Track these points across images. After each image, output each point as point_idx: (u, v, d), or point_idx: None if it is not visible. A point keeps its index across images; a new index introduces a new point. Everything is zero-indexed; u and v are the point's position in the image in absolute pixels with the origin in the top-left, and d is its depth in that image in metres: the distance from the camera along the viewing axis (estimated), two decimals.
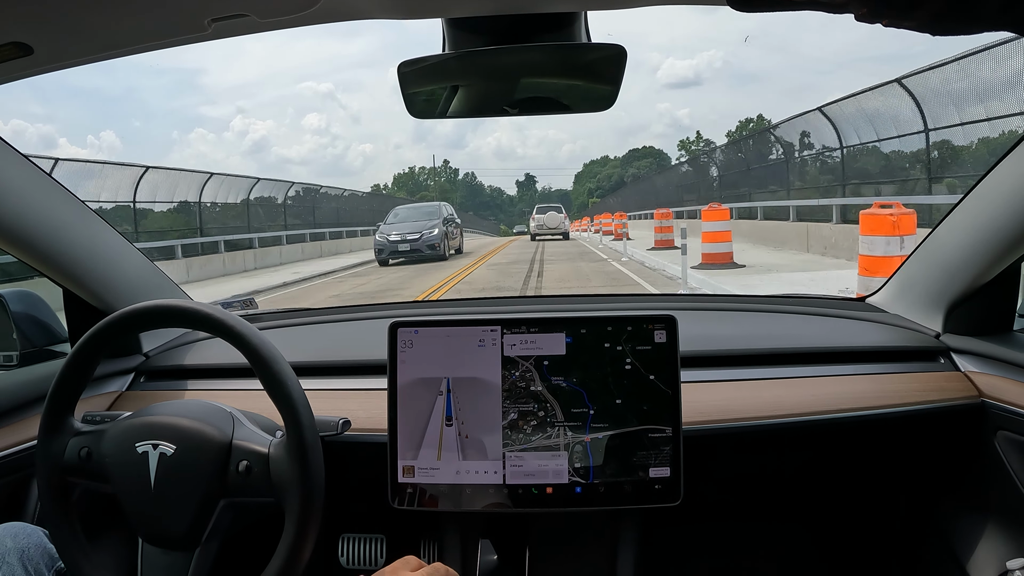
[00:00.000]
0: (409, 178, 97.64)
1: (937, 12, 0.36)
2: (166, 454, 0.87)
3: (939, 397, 1.07)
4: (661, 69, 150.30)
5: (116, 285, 1.23)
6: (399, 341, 0.99)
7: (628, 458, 0.96)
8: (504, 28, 0.84)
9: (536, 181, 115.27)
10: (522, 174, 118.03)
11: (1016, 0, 0.34)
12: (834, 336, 1.24)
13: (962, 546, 1.09)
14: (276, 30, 0.79)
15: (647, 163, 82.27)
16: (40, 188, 1.07)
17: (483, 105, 0.95)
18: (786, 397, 1.07)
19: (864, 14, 0.38)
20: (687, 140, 73.92)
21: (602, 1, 0.77)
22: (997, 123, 8.06)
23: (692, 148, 70.15)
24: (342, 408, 1.06)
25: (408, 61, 0.87)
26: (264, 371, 0.85)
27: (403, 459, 0.98)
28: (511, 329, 0.98)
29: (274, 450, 0.86)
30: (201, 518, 0.87)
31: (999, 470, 1.04)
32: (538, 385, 0.97)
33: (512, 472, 0.97)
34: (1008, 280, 1.10)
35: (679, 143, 74.59)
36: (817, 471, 1.16)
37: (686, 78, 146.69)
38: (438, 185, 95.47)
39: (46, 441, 0.90)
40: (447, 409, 0.98)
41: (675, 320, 0.97)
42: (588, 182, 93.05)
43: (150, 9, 0.71)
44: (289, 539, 0.82)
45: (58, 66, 0.82)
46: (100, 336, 0.90)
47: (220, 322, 0.87)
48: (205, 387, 1.20)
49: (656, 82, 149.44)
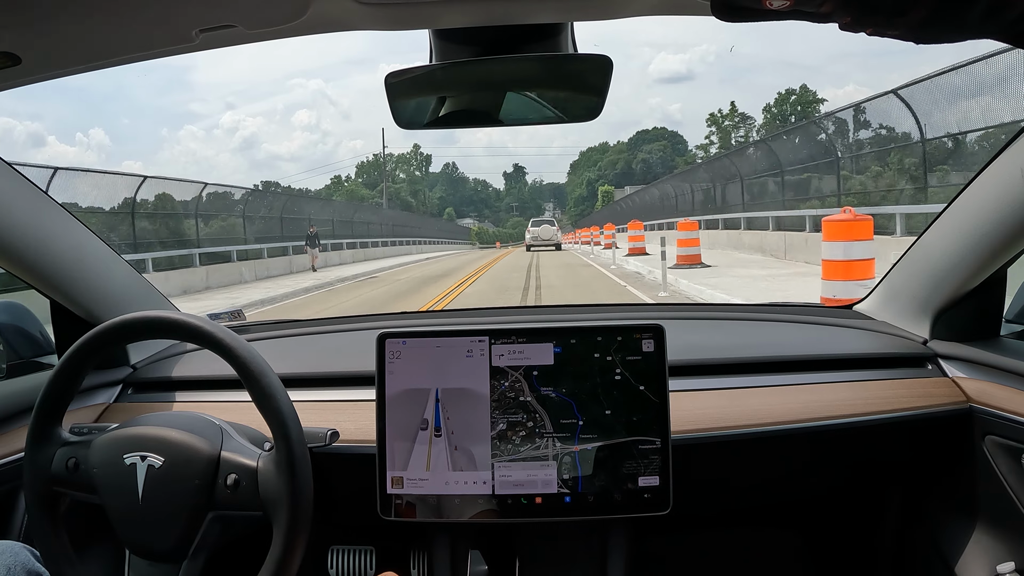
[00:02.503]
0: (374, 167, 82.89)
1: (921, 20, 0.36)
2: (154, 466, 0.87)
3: (927, 403, 1.08)
4: (653, 64, 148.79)
5: (103, 296, 1.23)
6: (387, 352, 0.99)
7: (617, 468, 0.96)
8: (491, 39, 0.84)
9: (526, 173, 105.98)
10: (510, 165, 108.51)
11: (999, 7, 0.34)
12: (822, 344, 1.24)
13: (951, 551, 1.09)
14: (264, 41, 0.80)
15: (660, 147, 74.58)
16: (26, 198, 1.07)
17: (470, 115, 0.96)
18: (775, 405, 1.08)
19: (848, 23, 0.39)
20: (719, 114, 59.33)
21: (587, 12, 0.78)
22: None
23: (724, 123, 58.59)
24: (330, 419, 1.06)
25: (395, 72, 0.87)
26: (253, 384, 0.85)
27: (392, 470, 0.97)
28: (499, 339, 0.98)
29: (263, 464, 0.86)
30: (189, 531, 0.86)
31: (988, 475, 1.04)
32: (527, 395, 0.97)
33: (501, 482, 0.96)
34: (994, 286, 1.10)
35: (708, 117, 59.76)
36: (806, 478, 1.17)
37: (678, 73, 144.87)
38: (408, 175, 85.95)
39: (33, 451, 0.90)
40: (436, 420, 0.97)
41: (663, 329, 0.97)
42: (587, 171, 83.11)
43: (138, 20, 0.72)
44: (277, 553, 0.82)
45: (46, 76, 0.82)
46: (88, 347, 0.89)
47: (208, 334, 0.86)
48: (193, 399, 1.19)
49: (647, 77, 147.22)
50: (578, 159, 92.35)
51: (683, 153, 73.43)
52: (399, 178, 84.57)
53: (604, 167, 78.62)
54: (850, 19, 0.38)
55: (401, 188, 77.79)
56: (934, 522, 1.15)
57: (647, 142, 77.28)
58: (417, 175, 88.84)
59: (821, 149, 12.92)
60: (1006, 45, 0.40)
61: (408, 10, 0.74)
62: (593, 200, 75.78)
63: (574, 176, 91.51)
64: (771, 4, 0.38)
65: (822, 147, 12.89)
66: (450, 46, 0.86)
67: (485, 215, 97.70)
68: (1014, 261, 1.05)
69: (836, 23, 0.40)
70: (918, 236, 1.19)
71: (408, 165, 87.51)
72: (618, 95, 25.36)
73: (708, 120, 59.04)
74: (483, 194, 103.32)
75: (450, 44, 0.86)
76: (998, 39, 0.38)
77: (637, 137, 79.59)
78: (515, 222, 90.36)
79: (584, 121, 0.94)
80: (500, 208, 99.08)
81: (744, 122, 57.94)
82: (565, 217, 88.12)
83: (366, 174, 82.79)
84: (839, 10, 0.38)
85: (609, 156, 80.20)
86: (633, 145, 78.68)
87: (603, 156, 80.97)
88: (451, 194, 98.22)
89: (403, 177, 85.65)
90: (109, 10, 0.68)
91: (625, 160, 76.19)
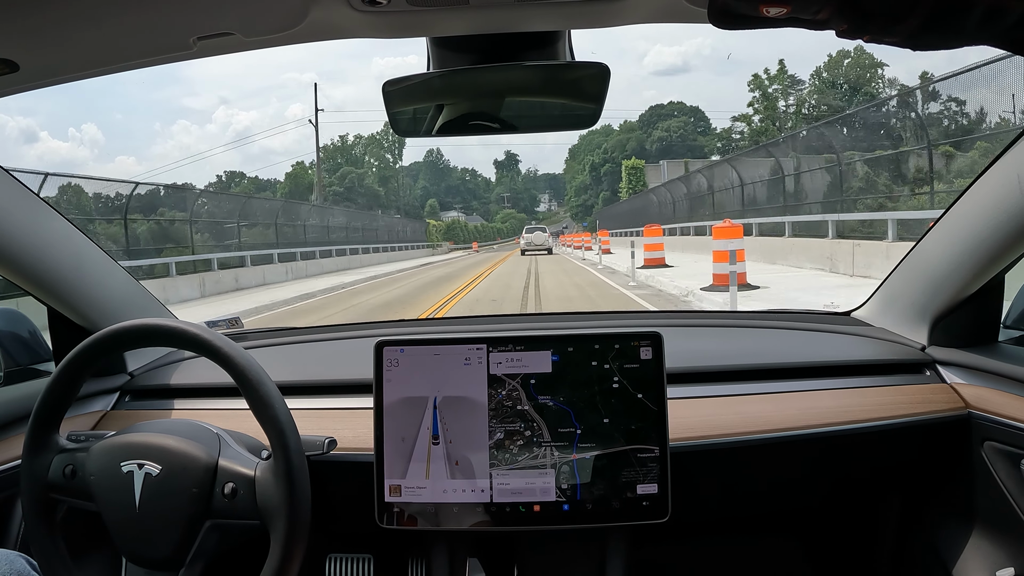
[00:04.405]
0: (339, 151, 69.25)
1: (918, 27, 0.36)
2: (151, 474, 0.86)
3: (926, 409, 1.08)
4: (648, 56, 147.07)
5: (101, 303, 1.22)
6: (385, 360, 0.99)
7: (615, 476, 0.96)
8: (488, 47, 0.85)
9: (519, 161, 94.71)
10: (502, 153, 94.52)
11: (996, 14, 0.34)
12: (820, 351, 1.24)
13: (951, 557, 1.09)
14: (261, 48, 0.80)
15: (679, 123, 62.26)
16: (25, 205, 1.07)
17: (468, 123, 0.96)
18: (773, 412, 1.07)
19: (845, 30, 0.39)
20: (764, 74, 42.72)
21: (585, 20, 0.78)
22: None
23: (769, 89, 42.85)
24: (328, 427, 1.05)
25: (393, 80, 0.87)
26: (251, 393, 0.85)
27: (390, 478, 0.97)
28: (497, 347, 0.98)
29: (260, 473, 0.86)
30: (186, 539, 0.86)
31: (987, 480, 1.04)
32: (524, 404, 0.97)
33: (499, 490, 0.96)
34: (991, 292, 1.10)
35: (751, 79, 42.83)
36: (805, 485, 1.16)
37: (674, 65, 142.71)
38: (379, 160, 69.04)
39: (31, 458, 0.90)
40: (434, 428, 0.97)
41: (661, 337, 0.97)
42: (590, 155, 69.17)
43: (136, 27, 0.72)
44: (275, 562, 0.82)
45: (44, 83, 0.83)
46: (85, 354, 0.89)
47: (206, 342, 0.86)
48: (190, 406, 1.19)
49: (643, 69, 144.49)
50: (578, 143, 79.45)
51: (706, 132, 61.95)
52: (368, 163, 68.66)
53: (611, 148, 65.44)
54: (847, 26, 0.38)
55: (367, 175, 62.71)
56: (933, 528, 1.15)
57: (663, 118, 64.68)
58: (389, 160, 72.44)
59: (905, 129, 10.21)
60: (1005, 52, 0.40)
61: (406, 18, 0.74)
62: (599, 187, 65.57)
63: (573, 163, 78.99)
64: (768, 12, 0.38)
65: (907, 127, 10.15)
66: (448, 54, 0.86)
67: (473, 207, 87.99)
68: (1012, 267, 1.05)
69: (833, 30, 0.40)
70: (916, 242, 1.19)
71: (379, 148, 70.96)
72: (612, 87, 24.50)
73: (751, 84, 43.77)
74: (471, 184, 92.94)
75: (448, 52, 0.86)
76: (995, 45, 0.38)
77: (650, 114, 66.92)
78: (505, 214, 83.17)
79: (581, 128, 0.95)
80: (490, 200, 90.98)
81: (795, 87, 43.95)
82: (563, 210, 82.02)
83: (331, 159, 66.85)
84: (836, 17, 0.38)
85: (617, 136, 67.50)
86: (647, 123, 66.06)
87: (607, 138, 67.58)
88: (434, 184, 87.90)
89: (374, 163, 69.73)
90: (107, 18, 0.68)
91: (637, 139, 63.79)
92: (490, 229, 73.75)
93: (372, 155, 71.04)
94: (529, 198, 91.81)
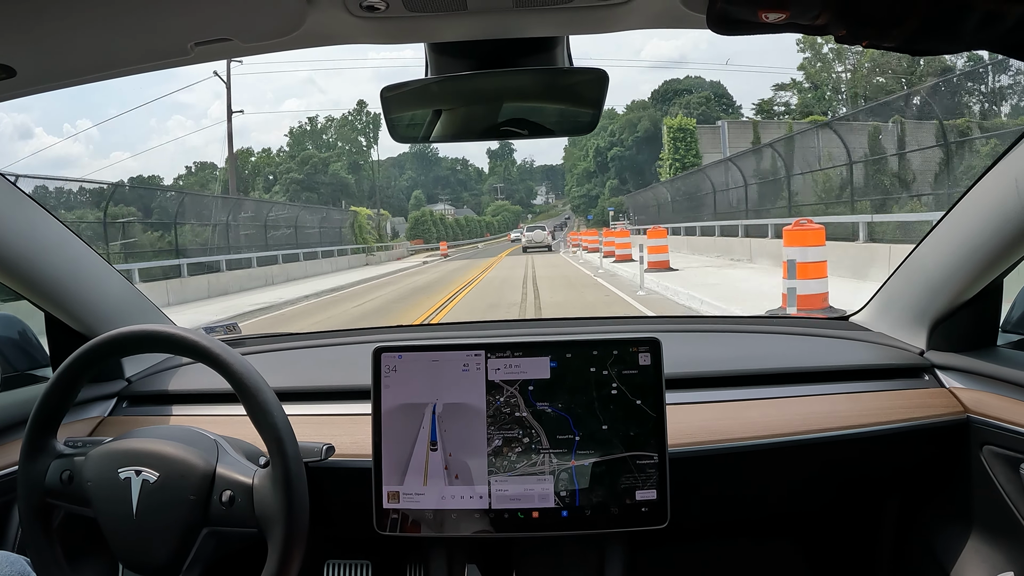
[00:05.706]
0: (310, 135, 60.44)
1: (916, 32, 0.36)
2: (149, 481, 0.86)
3: (924, 414, 1.08)
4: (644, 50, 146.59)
5: (99, 309, 1.22)
6: (383, 366, 0.98)
7: (614, 483, 0.96)
8: (487, 53, 0.85)
9: (514, 151, 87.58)
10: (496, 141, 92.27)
11: (994, 18, 0.34)
12: (819, 355, 1.24)
13: (949, 561, 1.09)
14: (259, 54, 0.80)
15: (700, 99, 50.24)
16: (22, 210, 1.06)
17: (466, 129, 0.96)
18: (772, 417, 1.07)
19: (843, 35, 0.39)
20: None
21: (583, 26, 0.78)
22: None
23: (824, 50, 34.08)
24: (326, 434, 1.05)
25: (391, 86, 0.87)
26: (249, 400, 0.84)
27: (388, 484, 0.97)
28: (495, 353, 0.97)
29: (258, 481, 0.86)
30: (183, 546, 0.86)
31: (985, 484, 1.04)
32: (523, 411, 0.96)
33: (497, 497, 0.96)
34: (990, 296, 1.10)
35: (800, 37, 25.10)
36: (804, 490, 1.16)
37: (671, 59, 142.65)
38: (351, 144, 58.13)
39: (28, 463, 0.90)
40: (432, 434, 0.97)
41: (659, 342, 0.97)
42: (594, 139, 57.21)
43: (133, 33, 0.72)
44: (272, 570, 0.81)
45: (40, 88, 0.82)
46: (83, 360, 0.89)
47: (204, 348, 0.86)
48: (188, 413, 1.19)
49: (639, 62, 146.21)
50: None
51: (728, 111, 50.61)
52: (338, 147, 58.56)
53: (620, 131, 56.73)
54: (845, 31, 0.39)
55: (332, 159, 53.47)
56: (932, 532, 1.15)
57: (678, 94, 54.27)
58: (362, 143, 61.30)
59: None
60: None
61: (404, 24, 0.74)
62: (604, 175, 57.53)
63: (573, 149, 68.78)
64: (766, 17, 0.38)
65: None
66: (446, 60, 0.86)
67: (464, 199, 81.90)
68: (1010, 271, 1.05)
69: (832, 35, 0.40)
70: (914, 246, 1.19)
71: (351, 131, 60.56)
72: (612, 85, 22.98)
73: (800, 43, 35.04)
74: (461, 175, 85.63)
75: (446, 58, 0.86)
76: (993, 50, 0.38)
77: (665, 89, 56.41)
78: (497, 206, 78.38)
79: (580, 134, 0.95)
80: (482, 191, 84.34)
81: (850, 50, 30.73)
82: (561, 203, 76.45)
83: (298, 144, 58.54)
84: (834, 22, 0.38)
85: (626, 116, 57.64)
86: (661, 99, 55.75)
87: (612, 121, 57.19)
88: (422, 174, 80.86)
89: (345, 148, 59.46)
90: (104, 24, 0.68)
91: (650, 117, 53.68)
92: (476, 224, 66.58)
93: (343, 137, 60.69)
94: (525, 190, 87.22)
